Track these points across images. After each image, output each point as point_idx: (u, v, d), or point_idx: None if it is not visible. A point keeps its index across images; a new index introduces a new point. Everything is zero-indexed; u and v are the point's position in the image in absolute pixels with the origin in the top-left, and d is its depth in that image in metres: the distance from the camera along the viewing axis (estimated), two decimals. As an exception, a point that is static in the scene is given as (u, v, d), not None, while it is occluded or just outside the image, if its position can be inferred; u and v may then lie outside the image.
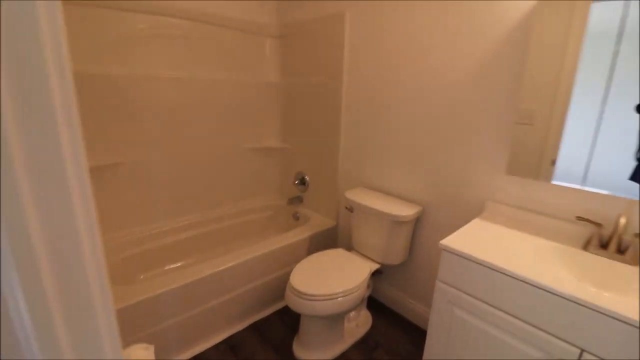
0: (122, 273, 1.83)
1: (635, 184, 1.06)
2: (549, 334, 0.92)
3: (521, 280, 0.94)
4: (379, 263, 1.70)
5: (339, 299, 1.43)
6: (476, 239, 1.15)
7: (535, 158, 1.28)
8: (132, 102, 1.81)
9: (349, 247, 1.92)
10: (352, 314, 1.75)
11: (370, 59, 1.76)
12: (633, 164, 1.06)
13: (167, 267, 2.05)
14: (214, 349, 1.60)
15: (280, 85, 2.39)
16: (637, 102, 1.02)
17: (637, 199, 1.05)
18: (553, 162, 1.25)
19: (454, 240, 1.13)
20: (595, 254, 1.07)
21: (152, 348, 0.85)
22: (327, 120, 2.07)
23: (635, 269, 0.99)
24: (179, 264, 2.10)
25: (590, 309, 0.83)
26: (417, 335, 1.72)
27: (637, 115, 1.02)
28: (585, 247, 1.11)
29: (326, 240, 2.14)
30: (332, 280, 1.48)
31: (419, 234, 1.70)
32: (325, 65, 2.00)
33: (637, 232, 1.04)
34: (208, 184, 2.24)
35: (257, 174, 2.50)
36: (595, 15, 1.08)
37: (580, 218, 1.13)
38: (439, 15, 1.44)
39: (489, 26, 1.29)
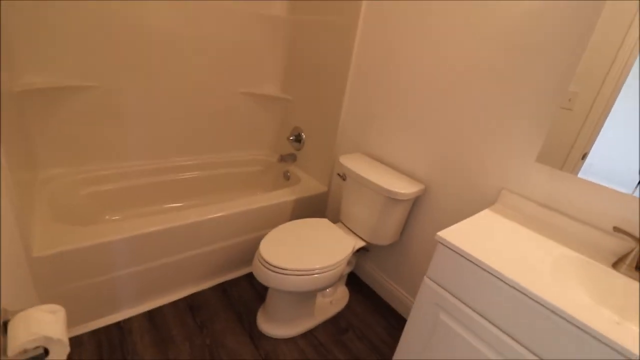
0: (85, 211, 1.67)
1: None
2: (549, 365, 0.73)
3: (526, 295, 0.74)
4: (365, 241, 1.51)
5: (315, 275, 1.25)
6: (482, 235, 0.93)
7: (566, 147, 1.02)
8: (118, 21, 1.53)
9: (336, 219, 1.73)
10: (329, 290, 1.60)
11: (390, 8, 1.43)
12: None
13: (137, 210, 1.89)
14: (172, 306, 1.47)
15: (287, 22, 2.05)
16: None
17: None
18: (584, 156, 1.01)
19: (455, 234, 0.92)
20: (628, 275, 0.86)
21: (61, 312, 0.69)
22: (334, 72, 1.77)
23: (678, 303, 0.78)
24: (150, 209, 1.93)
25: (607, 345, 0.63)
26: (394, 322, 1.58)
27: None
28: (617, 265, 0.89)
29: (314, 206, 1.94)
30: (309, 255, 1.30)
31: (416, 215, 1.49)
32: (341, 1, 1.67)
33: (691, 258, 0.81)
34: (194, 127, 2.01)
35: (250, 123, 2.25)
36: None
37: (617, 229, 0.90)
38: (490, -56, 1.09)
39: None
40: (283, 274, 1.22)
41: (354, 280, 1.81)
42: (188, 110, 1.94)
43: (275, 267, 1.22)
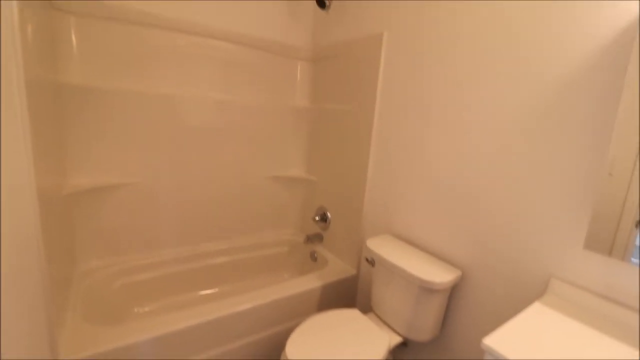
0: (117, 304, 1.68)
1: None
2: None
3: None
4: (401, 336, 1.37)
5: (344, 382, 1.12)
6: (536, 339, 0.81)
7: (613, 223, 0.92)
8: (155, 121, 1.73)
9: (368, 308, 1.60)
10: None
11: (407, 86, 1.51)
12: None
13: (166, 300, 1.87)
14: (193, 416, 1.35)
15: (309, 111, 2.21)
16: None
17: None
18: (637, 224, 0.89)
19: (503, 340, 0.80)
20: None
21: None
22: (356, 153, 1.83)
23: None
24: (179, 297, 1.91)
25: None
26: None
27: None
28: None
29: (343, 291, 1.84)
30: (340, 353, 1.19)
31: (456, 305, 1.35)
32: (358, 91, 1.79)
33: None
34: (223, 212, 2.08)
35: (277, 204, 2.30)
36: None
37: None
38: (497, 31, 1.17)
39: (574, 44, 0.99)
40: (312, 381, 1.10)
41: (393, 379, 1.60)
42: (218, 197, 2.03)
43: (302, 373, 1.11)
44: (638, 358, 0.77)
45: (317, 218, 2.13)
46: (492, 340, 0.80)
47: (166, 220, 1.88)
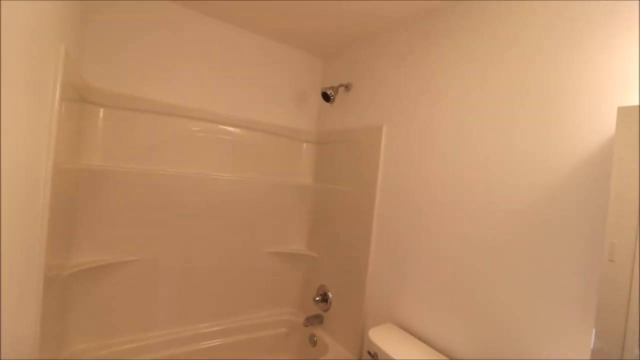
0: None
1: None
2: None
3: None
4: None
5: None
6: None
7: (620, 317, 0.90)
8: (161, 199, 1.79)
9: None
10: None
11: (407, 176, 1.61)
12: None
13: (153, 391, 1.73)
14: None
15: (312, 189, 2.30)
16: None
17: None
18: None
19: None
20: None
21: None
22: (357, 233, 1.86)
23: None
24: (167, 388, 1.77)
25: None
26: None
27: None
28: None
29: (344, 384, 1.71)
30: None
31: (466, 409, 1.26)
32: (359, 175, 1.89)
33: None
34: (223, 288, 2.03)
35: (277, 281, 2.26)
36: None
37: None
38: (491, 127, 1.28)
39: (564, 146, 1.09)
40: None
41: None
42: (217, 272, 2.00)
43: None
44: None
45: (317, 298, 2.07)
46: None
47: (163, 298, 1.84)
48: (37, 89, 0.89)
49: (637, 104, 0.91)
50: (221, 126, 1.97)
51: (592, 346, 0.95)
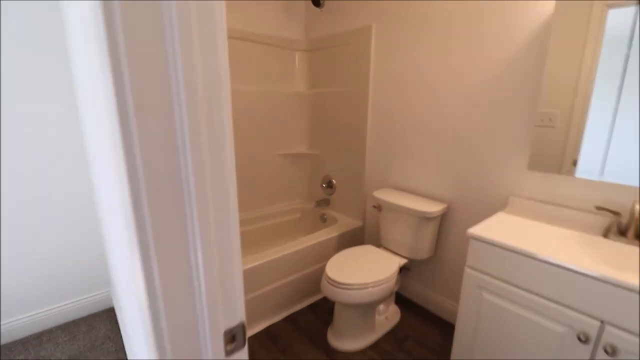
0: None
1: (650, 175, 1.14)
2: (571, 309, 1.01)
3: (545, 262, 1.04)
4: (406, 258, 1.80)
5: (369, 289, 1.54)
6: (501, 229, 1.25)
7: (557, 156, 1.37)
8: None
9: (377, 245, 2.03)
10: (382, 307, 1.84)
11: (395, 67, 1.91)
12: (648, 156, 1.15)
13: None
14: (254, 338, 1.73)
15: (308, 95, 2.56)
16: (649, 100, 1.12)
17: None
18: (574, 162, 1.34)
19: (481, 229, 1.24)
20: (615, 240, 1.15)
21: None
22: (354, 127, 2.22)
23: (654, 252, 1.08)
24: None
25: (611, 284, 0.92)
26: (444, 328, 1.80)
27: (649, 111, 1.12)
28: (605, 234, 1.19)
29: (353, 239, 2.25)
30: (364, 272, 1.60)
31: (445, 230, 1.80)
32: (352, 75, 2.17)
33: (655, 219, 1.12)
34: (240, 189, 2.41)
35: (287, 178, 2.66)
36: (612, 21, 1.18)
37: (599, 208, 1.22)
38: (460, 20, 1.58)
39: (511, 31, 1.42)
40: (347, 289, 1.51)
41: (401, 300, 2.05)
42: (237, 176, 2.35)
43: (340, 283, 1.51)
44: (571, 232, 1.23)
45: (324, 185, 2.52)
46: (474, 230, 1.23)
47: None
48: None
49: (572, -18, 1.22)
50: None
51: (527, 167, 1.42)
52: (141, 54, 0.36)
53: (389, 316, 1.85)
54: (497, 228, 1.26)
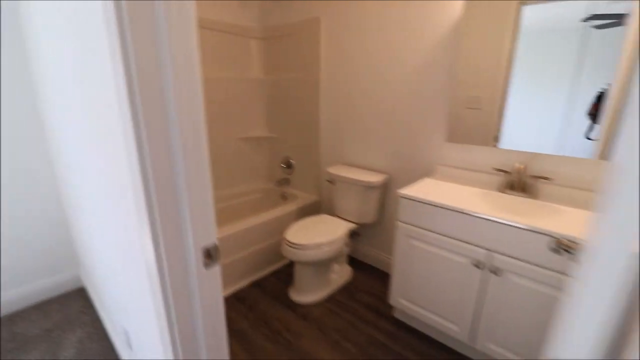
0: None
1: (544, 144, 1.50)
2: (470, 244, 1.33)
3: (454, 211, 1.35)
4: (356, 223, 2.09)
5: (324, 248, 1.80)
6: (424, 190, 1.55)
7: (480, 131, 1.67)
8: None
9: (332, 215, 2.29)
10: (336, 267, 2.12)
11: (343, 56, 2.14)
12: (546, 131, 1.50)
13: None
14: (224, 301, 1.93)
15: (265, 81, 2.73)
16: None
17: (537, 152, 1.48)
18: (495, 138, 1.66)
19: (408, 190, 1.53)
20: (507, 193, 1.50)
21: None
22: (308, 110, 2.44)
23: (533, 200, 1.43)
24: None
25: (497, 222, 1.25)
26: (388, 279, 2.12)
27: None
28: (501, 189, 1.54)
29: (311, 211, 2.50)
30: (319, 235, 1.85)
31: (387, 197, 2.11)
32: (305, 63, 2.37)
33: (534, 175, 1.48)
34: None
35: (248, 160, 2.83)
36: (528, 15, 1.41)
37: (495, 169, 1.56)
38: (392, 17, 1.84)
39: (428, 30, 1.70)
40: (304, 249, 1.76)
41: (355, 262, 2.35)
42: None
43: (298, 245, 1.76)
44: (476, 189, 1.55)
45: (283, 166, 2.72)
46: (403, 190, 1.52)
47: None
48: None
49: (474, -12, 1.52)
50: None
51: (446, 140, 1.74)
52: (141, 43, 0.55)
53: (342, 274, 2.13)
54: (421, 189, 1.56)
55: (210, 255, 0.75)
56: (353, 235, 2.10)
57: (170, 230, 0.67)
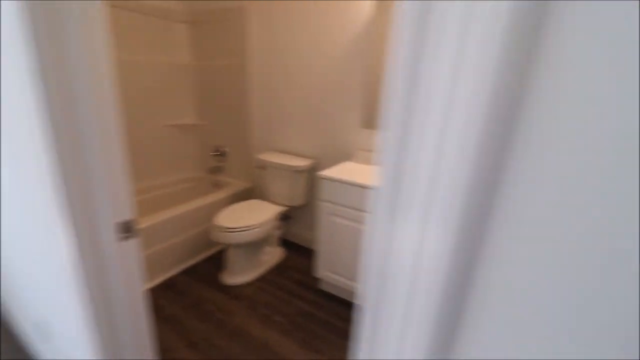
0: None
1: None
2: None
3: (359, 186, 1.54)
4: (286, 206, 2.21)
5: (255, 229, 1.89)
6: (341, 171, 1.73)
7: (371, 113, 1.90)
8: None
9: (264, 200, 2.38)
10: (268, 248, 2.23)
11: (274, 45, 2.21)
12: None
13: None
14: (154, 290, 1.92)
15: (194, 67, 2.67)
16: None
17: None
18: None
19: (327, 172, 1.69)
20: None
21: None
22: (240, 98, 2.46)
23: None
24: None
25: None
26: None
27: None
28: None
29: (243, 198, 2.54)
30: (250, 218, 1.94)
31: (314, 181, 2.26)
32: (233, 50, 2.38)
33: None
34: (131, 159, 2.43)
35: (178, 148, 2.76)
36: None
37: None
38: (313, 11, 1.96)
39: (347, 23, 1.86)
40: (234, 232, 1.83)
41: (287, 243, 2.47)
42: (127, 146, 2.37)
43: (228, 228, 1.82)
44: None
45: (215, 153, 2.72)
46: (322, 172, 1.67)
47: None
48: None
49: (382, -9, 1.71)
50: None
51: (360, 126, 1.93)
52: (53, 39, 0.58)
53: (274, 255, 2.25)
54: (338, 171, 1.73)
55: (127, 230, 0.80)
56: (285, 218, 2.21)
57: (80, 207, 0.71)
